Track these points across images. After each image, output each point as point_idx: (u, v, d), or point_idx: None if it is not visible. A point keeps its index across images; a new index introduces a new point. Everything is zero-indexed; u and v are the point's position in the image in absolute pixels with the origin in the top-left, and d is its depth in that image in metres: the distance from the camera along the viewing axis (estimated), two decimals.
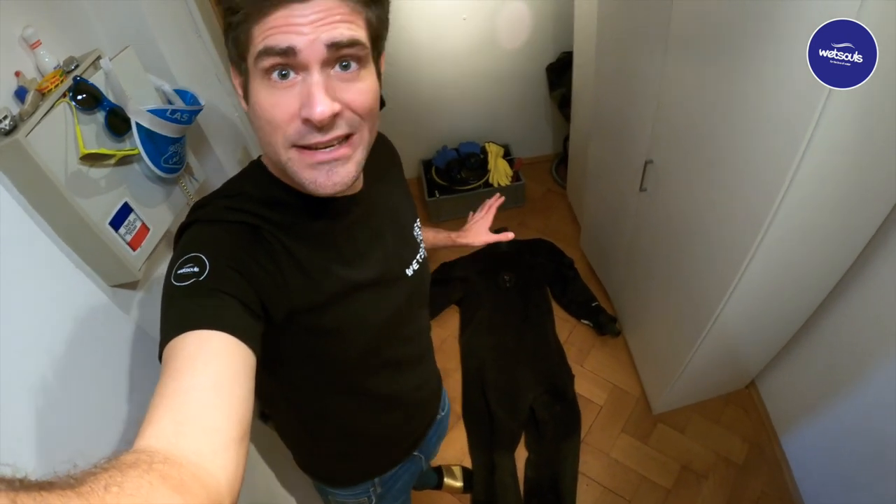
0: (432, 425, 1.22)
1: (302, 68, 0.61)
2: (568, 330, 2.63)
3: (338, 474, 1.13)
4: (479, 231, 1.34)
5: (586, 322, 2.63)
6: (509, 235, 1.30)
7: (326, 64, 0.62)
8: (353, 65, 0.64)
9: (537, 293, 2.76)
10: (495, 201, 1.40)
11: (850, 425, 1.64)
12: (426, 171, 3.29)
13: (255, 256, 0.71)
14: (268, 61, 0.60)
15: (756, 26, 1.18)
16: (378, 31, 0.68)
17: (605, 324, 2.55)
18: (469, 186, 3.18)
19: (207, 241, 0.70)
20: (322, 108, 0.61)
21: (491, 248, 2.95)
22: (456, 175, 3.17)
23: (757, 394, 2.18)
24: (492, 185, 3.19)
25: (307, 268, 0.75)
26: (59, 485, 0.33)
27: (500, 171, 3.20)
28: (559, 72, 3.00)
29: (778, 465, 1.99)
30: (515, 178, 3.24)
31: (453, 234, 1.32)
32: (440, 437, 1.31)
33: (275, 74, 0.62)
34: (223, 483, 0.47)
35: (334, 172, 0.68)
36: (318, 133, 0.64)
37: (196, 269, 0.65)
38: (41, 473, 0.34)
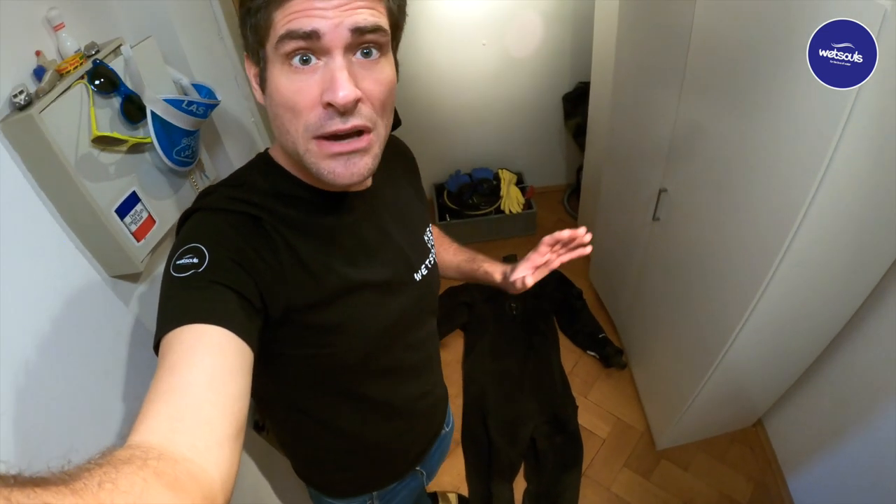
0: (435, 440, 1.18)
1: (324, 53, 0.61)
2: (573, 361, 2.59)
3: (333, 483, 1.10)
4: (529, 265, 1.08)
5: (592, 353, 2.59)
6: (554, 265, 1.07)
7: (349, 49, 0.62)
8: (375, 52, 0.64)
9: (543, 322, 2.73)
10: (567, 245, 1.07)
11: (859, 467, 1.60)
12: (438, 194, 3.30)
13: (257, 248, 0.70)
14: (290, 45, 0.60)
15: (772, 63, 1.18)
16: (397, 20, 0.68)
17: (611, 356, 2.50)
18: (480, 212, 3.18)
19: (208, 230, 0.69)
20: (345, 91, 0.61)
21: None
22: (468, 200, 3.17)
23: (764, 433, 2.13)
24: (503, 212, 3.18)
25: (308, 263, 0.74)
26: (53, 481, 0.33)
27: (512, 199, 3.20)
28: (575, 101, 3.02)
29: None
30: (527, 205, 3.24)
31: (492, 269, 1.15)
32: (443, 453, 1.27)
33: (296, 60, 0.61)
34: (217, 480, 0.46)
35: (352, 163, 0.67)
36: (339, 119, 0.63)
37: (195, 261, 0.64)
38: (28, 464, 0.34)
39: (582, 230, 1.02)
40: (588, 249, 1.05)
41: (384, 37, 0.64)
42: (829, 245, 1.28)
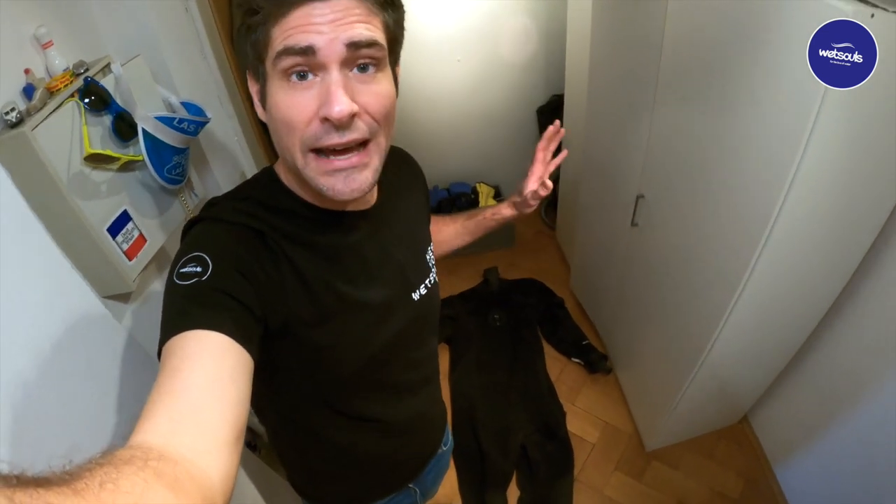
0: (431, 458, 1.18)
1: (321, 68, 0.62)
2: (559, 369, 2.61)
3: (326, 495, 1.09)
4: (535, 177, 1.11)
5: (577, 360, 2.60)
6: (560, 156, 1.10)
7: (345, 64, 0.62)
8: (371, 67, 0.64)
9: (528, 332, 2.74)
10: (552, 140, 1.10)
11: (844, 454, 1.64)
12: None
13: (259, 260, 0.70)
14: (287, 61, 0.61)
15: (741, 65, 1.23)
16: (395, 36, 0.69)
17: (595, 362, 2.53)
18: None
19: (212, 240, 0.70)
20: (341, 106, 0.61)
21: (481, 288, 2.99)
22: (447, 215, 3.18)
23: (750, 428, 2.16)
24: None
25: (307, 280, 0.74)
26: (55, 481, 0.33)
27: None
28: (549, 114, 3.06)
29: (774, 499, 1.96)
30: None
31: (503, 207, 1.17)
32: (439, 472, 1.25)
33: (293, 76, 0.62)
34: (217, 482, 0.47)
35: (352, 179, 0.68)
36: (336, 133, 0.64)
37: (199, 269, 0.64)
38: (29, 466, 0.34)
39: (556, 123, 1.08)
40: (564, 152, 1.14)
41: (380, 52, 0.64)
42: (804, 242, 1.33)
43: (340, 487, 1.07)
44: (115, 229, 0.97)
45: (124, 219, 0.99)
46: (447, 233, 1.20)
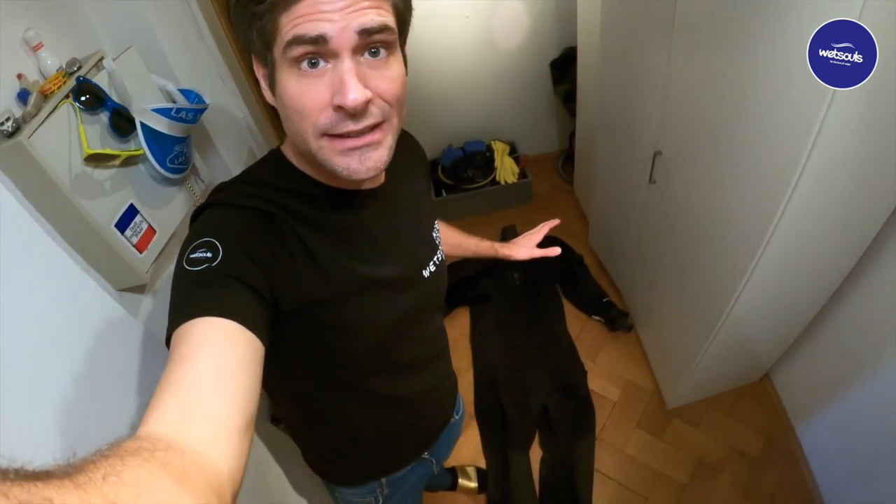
0: (444, 429, 1.20)
1: (332, 56, 0.61)
2: (579, 326, 2.61)
3: (342, 473, 1.12)
4: (526, 244, 1.32)
5: (597, 318, 2.60)
6: (556, 250, 1.29)
7: (356, 51, 0.61)
8: (383, 51, 0.63)
9: (547, 290, 2.74)
10: (551, 223, 1.37)
11: (867, 414, 1.62)
12: (432, 170, 3.28)
13: (269, 244, 0.70)
14: (298, 50, 0.59)
15: (763, 13, 1.15)
16: (404, 16, 0.67)
17: (616, 319, 2.52)
18: (476, 185, 3.16)
19: (222, 225, 0.70)
20: (355, 95, 0.60)
21: None
22: (462, 174, 3.16)
23: (771, 386, 2.16)
24: (499, 183, 3.17)
25: (320, 260, 0.74)
26: (56, 474, 0.32)
27: (506, 169, 3.18)
28: (563, 67, 2.98)
29: (794, 457, 1.97)
30: (522, 175, 3.23)
31: (497, 245, 1.31)
32: (452, 440, 1.29)
33: (304, 63, 0.61)
34: (225, 471, 0.46)
35: (367, 157, 0.67)
36: (350, 121, 0.63)
37: (209, 255, 0.64)
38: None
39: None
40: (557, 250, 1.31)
41: (391, 35, 0.63)
42: (829, 197, 1.28)
43: (356, 464, 1.10)
44: (122, 224, 0.97)
45: (131, 213, 0.99)
46: (468, 244, 1.28)
